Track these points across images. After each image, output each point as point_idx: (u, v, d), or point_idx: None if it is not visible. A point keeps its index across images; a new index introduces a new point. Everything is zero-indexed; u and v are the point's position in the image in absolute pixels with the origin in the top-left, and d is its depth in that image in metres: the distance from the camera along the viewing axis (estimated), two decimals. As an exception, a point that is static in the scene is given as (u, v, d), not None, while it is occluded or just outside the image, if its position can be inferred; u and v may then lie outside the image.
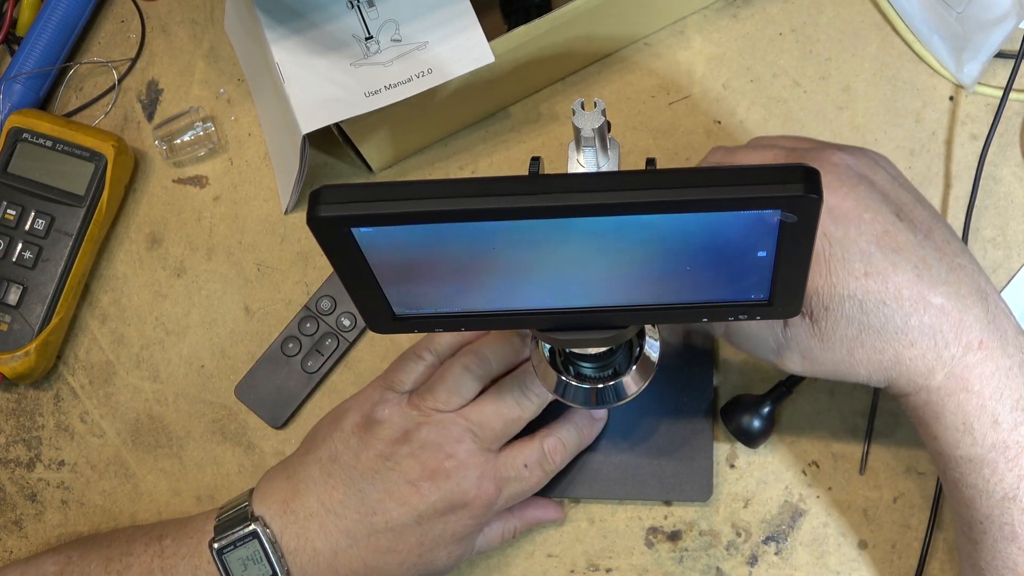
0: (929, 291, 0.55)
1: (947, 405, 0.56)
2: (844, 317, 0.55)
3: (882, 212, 0.56)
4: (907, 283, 0.55)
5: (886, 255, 0.55)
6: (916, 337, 0.55)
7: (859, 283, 0.55)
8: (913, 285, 0.55)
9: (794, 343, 0.57)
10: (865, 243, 0.55)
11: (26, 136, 0.76)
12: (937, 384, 0.56)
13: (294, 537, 0.63)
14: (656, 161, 0.53)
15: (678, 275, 0.48)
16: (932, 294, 0.55)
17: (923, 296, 0.55)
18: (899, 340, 0.55)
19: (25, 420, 0.77)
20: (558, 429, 0.67)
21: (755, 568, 0.71)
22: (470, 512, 0.63)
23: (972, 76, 0.74)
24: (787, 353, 0.58)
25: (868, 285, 0.55)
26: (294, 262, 0.77)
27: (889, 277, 0.55)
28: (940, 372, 0.56)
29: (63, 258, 0.75)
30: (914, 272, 0.55)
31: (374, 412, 0.65)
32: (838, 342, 0.56)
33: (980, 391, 0.55)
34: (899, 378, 0.57)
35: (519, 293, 0.51)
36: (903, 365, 0.56)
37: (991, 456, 0.56)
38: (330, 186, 0.44)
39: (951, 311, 0.55)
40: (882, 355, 0.56)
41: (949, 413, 0.56)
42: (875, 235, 0.55)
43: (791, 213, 0.43)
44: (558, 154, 0.77)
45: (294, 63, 0.67)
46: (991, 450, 0.56)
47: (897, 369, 0.56)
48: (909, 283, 0.55)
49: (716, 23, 0.78)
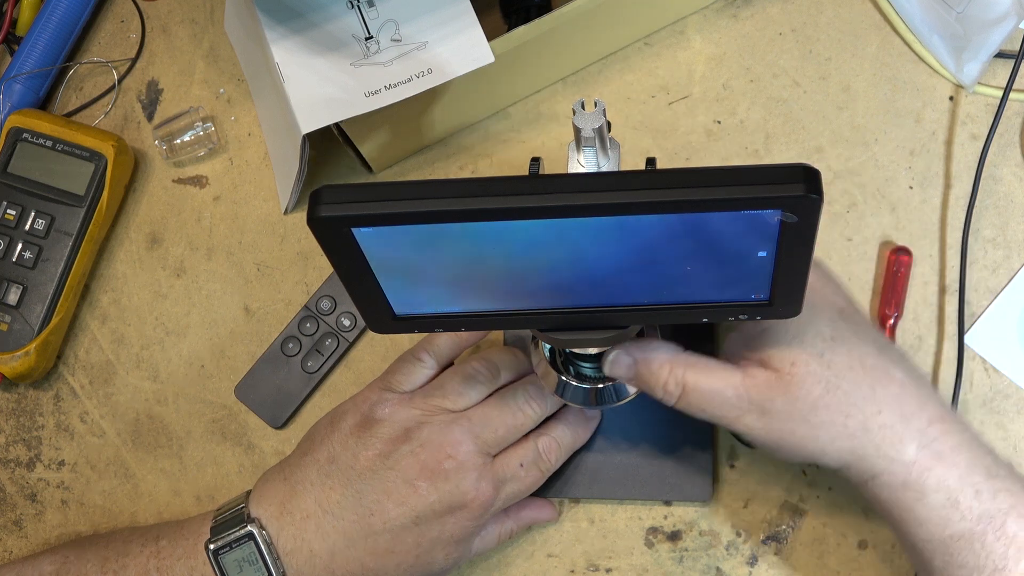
0: (890, 366, 0.56)
1: (928, 481, 0.56)
2: (810, 374, 0.55)
3: (840, 292, 0.58)
4: (870, 354, 0.56)
5: (848, 326, 0.56)
6: (883, 406, 0.55)
7: (827, 345, 0.55)
8: (876, 357, 0.56)
9: (758, 397, 0.56)
10: (829, 313, 0.56)
11: (26, 136, 0.76)
12: (911, 458, 0.56)
13: (290, 538, 0.63)
14: (656, 161, 0.53)
15: (678, 275, 0.48)
16: (893, 369, 0.56)
17: (886, 369, 0.56)
18: (866, 406, 0.55)
19: (25, 420, 0.77)
20: (551, 429, 0.67)
21: (755, 568, 0.71)
22: (468, 514, 0.63)
23: (972, 76, 0.74)
24: (749, 409, 0.56)
25: (836, 348, 0.55)
26: (294, 262, 0.77)
27: (854, 345, 0.55)
28: (911, 444, 0.55)
29: (63, 258, 0.75)
30: (874, 346, 0.56)
31: (373, 412, 0.65)
32: (801, 398, 0.55)
33: (956, 463, 0.56)
34: (866, 449, 0.56)
35: (519, 293, 0.51)
36: (871, 433, 0.56)
37: (980, 528, 0.55)
38: (330, 186, 0.44)
39: (910, 386, 0.56)
40: (848, 419, 0.56)
41: (932, 490, 0.56)
42: (838, 308, 0.57)
43: (791, 213, 0.43)
44: (558, 154, 0.77)
45: (294, 63, 0.67)
46: (979, 522, 0.55)
47: (865, 438, 0.56)
48: (872, 355, 0.56)
49: (716, 23, 0.78)
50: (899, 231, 0.74)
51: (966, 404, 0.71)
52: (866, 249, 0.74)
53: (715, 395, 0.57)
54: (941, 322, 0.73)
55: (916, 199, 0.74)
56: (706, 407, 0.57)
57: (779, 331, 0.56)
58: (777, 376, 0.55)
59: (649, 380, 0.58)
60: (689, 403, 0.58)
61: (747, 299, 0.50)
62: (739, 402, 0.56)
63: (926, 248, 0.74)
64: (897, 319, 0.72)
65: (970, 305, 0.73)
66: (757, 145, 0.76)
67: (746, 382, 0.56)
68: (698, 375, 0.57)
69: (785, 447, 0.57)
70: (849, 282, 0.74)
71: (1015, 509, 0.56)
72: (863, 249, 0.74)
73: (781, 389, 0.55)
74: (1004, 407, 0.71)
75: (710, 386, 0.57)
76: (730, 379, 0.56)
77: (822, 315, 0.56)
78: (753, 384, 0.56)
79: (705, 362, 0.57)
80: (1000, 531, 0.55)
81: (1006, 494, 0.56)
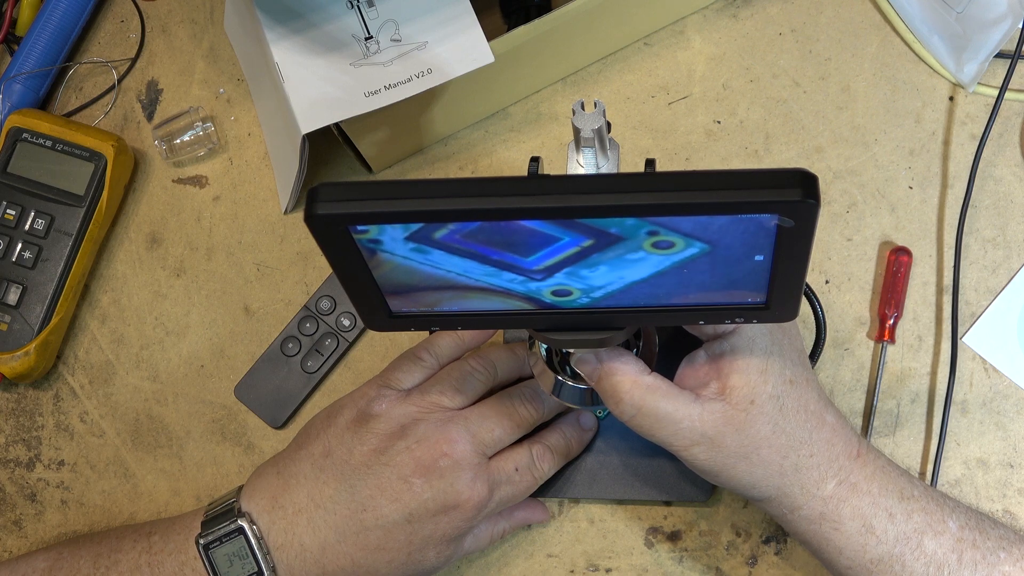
0: (825, 410, 0.59)
1: (843, 511, 0.59)
2: (764, 415, 0.57)
3: (799, 333, 0.60)
4: (813, 400, 0.58)
5: (802, 371, 0.59)
6: (816, 448, 0.58)
7: (784, 389, 0.57)
8: (817, 402, 0.59)
9: (711, 432, 0.57)
10: (792, 355, 0.58)
11: (26, 136, 0.76)
12: (830, 493, 0.59)
13: (281, 533, 0.63)
14: (655, 162, 0.53)
15: (675, 277, 0.48)
16: (827, 413, 0.59)
17: (821, 413, 0.59)
18: (802, 448, 0.58)
19: (25, 420, 0.77)
20: (546, 437, 0.68)
21: (755, 568, 0.71)
22: (461, 514, 0.63)
23: (972, 76, 0.74)
24: (700, 441, 0.57)
25: (791, 392, 0.58)
26: (294, 262, 0.77)
27: (804, 389, 0.58)
28: (831, 481, 0.58)
29: (63, 258, 0.75)
30: (816, 392, 0.59)
31: (370, 407, 0.65)
32: (751, 436, 0.57)
33: (869, 490, 0.59)
34: (792, 487, 0.58)
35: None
36: (801, 473, 0.58)
37: (897, 550, 0.58)
38: (327, 184, 0.44)
39: (839, 428, 0.59)
40: (784, 460, 0.58)
41: (847, 519, 0.58)
42: (798, 350, 0.59)
43: (788, 218, 0.43)
44: (558, 154, 0.77)
45: (294, 63, 0.67)
46: (895, 544, 0.58)
47: (793, 476, 0.58)
48: (815, 400, 0.59)
49: (716, 23, 0.78)
50: (899, 231, 0.74)
51: (966, 404, 0.71)
52: (866, 249, 0.74)
53: (669, 423, 0.57)
54: (940, 322, 0.72)
55: (916, 199, 0.74)
56: (656, 432, 0.58)
57: (747, 360, 0.57)
58: (734, 413, 0.57)
59: (607, 390, 0.58)
60: (640, 425, 0.58)
61: (744, 302, 0.50)
62: (691, 433, 0.57)
63: (926, 248, 0.73)
64: (897, 319, 0.72)
65: (970, 305, 0.73)
66: (757, 145, 0.76)
67: (703, 417, 0.57)
68: (657, 400, 0.57)
69: (722, 477, 0.59)
70: (849, 282, 0.74)
71: (931, 527, 0.59)
72: (863, 249, 0.74)
73: (734, 427, 0.57)
74: (1004, 407, 0.71)
75: (666, 414, 0.57)
76: (688, 410, 0.57)
77: (788, 355, 0.58)
78: (710, 419, 0.57)
79: (667, 388, 0.57)
80: (918, 550, 0.58)
81: (920, 513, 0.59)
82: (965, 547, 0.58)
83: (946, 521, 0.59)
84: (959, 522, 0.59)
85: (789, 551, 0.71)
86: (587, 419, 0.70)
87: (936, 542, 0.58)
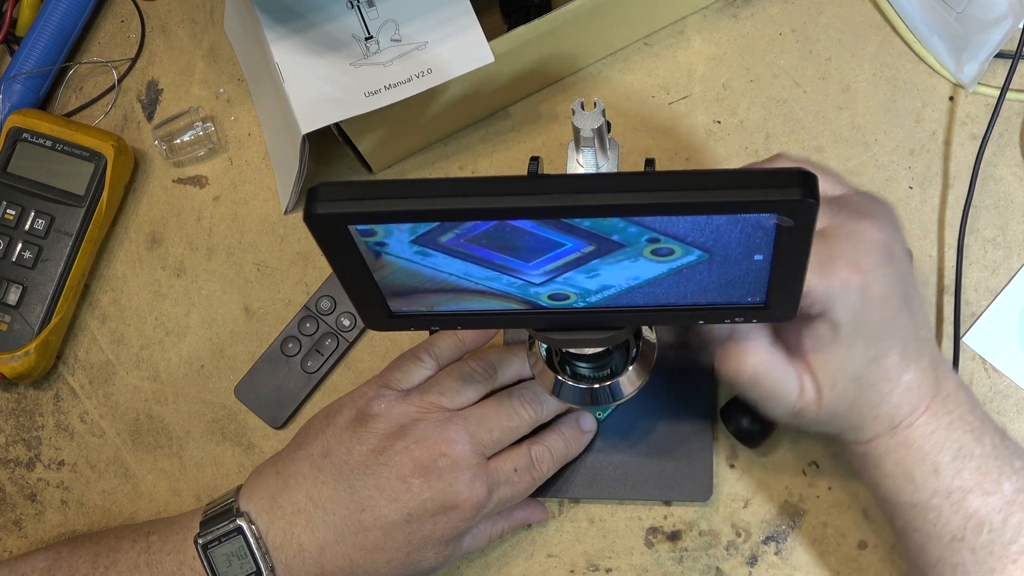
0: (904, 371, 0.59)
1: (887, 459, 0.60)
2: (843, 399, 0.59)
3: (895, 296, 0.58)
4: (893, 365, 0.58)
5: (887, 339, 0.58)
6: (883, 410, 0.59)
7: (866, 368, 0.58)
8: (895, 367, 0.59)
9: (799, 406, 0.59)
10: (877, 326, 0.58)
11: (26, 136, 0.76)
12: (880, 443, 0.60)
13: (280, 532, 0.63)
14: (655, 162, 0.53)
15: (675, 279, 0.48)
16: (905, 372, 0.59)
17: (900, 376, 0.59)
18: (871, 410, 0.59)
19: (25, 420, 0.77)
20: (545, 438, 0.68)
21: (755, 568, 0.71)
22: (460, 515, 0.63)
23: (972, 76, 0.74)
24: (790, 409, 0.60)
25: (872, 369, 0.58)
26: (294, 262, 0.77)
27: (882, 360, 0.58)
28: (886, 436, 0.60)
29: (63, 258, 0.75)
30: (900, 354, 0.59)
31: (369, 407, 0.65)
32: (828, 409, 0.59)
33: (921, 446, 0.59)
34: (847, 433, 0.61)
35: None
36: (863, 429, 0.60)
37: (935, 502, 0.59)
38: (327, 183, 0.44)
39: (913, 387, 0.59)
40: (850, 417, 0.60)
41: (890, 463, 0.60)
42: (886, 318, 0.58)
43: (788, 217, 0.43)
44: (558, 154, 0.77)
45: (294, 63, 0.67)
46: (933, 496, 0.59)
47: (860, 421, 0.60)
48: (894, 364, 0.59)
49: (716, 23, 0.78)
50: (899, 231, 0.74)
51: (966, 404, 0.71)
52: (866, 249, 0.74)
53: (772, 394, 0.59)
54: (941, 322, 0.72)
55: (916, 199, 0.74)
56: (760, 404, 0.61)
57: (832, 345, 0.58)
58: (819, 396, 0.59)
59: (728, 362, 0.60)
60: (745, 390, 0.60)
61: (743, 302, 0.50)
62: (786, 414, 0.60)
63: (926, 248, 0.73)
64: (897, 319, 0.72)
65: (970, 305, 0.72)
66: (757, 145, 0.76)
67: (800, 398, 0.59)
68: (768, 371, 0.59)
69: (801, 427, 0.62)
70: (849, 282, 0.73)
71: (980, 487, 0.59)
72: (863, 249, 0.74)
73: (815, 407, 0.59)
74: (1004, 407, 0.71)
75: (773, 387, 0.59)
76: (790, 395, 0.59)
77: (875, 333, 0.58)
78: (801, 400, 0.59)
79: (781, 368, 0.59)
80: (959, 505, 0.58)
81: (973, 473, 0.59)
82: (1015, 509, 0.58)
83: (1001, 483, 0.59)
84: (1017, 485, 0.59)
85: (789, 551, 0.71)
86: (586, 420, 0.70)
87: (982, 501, 0.58)
